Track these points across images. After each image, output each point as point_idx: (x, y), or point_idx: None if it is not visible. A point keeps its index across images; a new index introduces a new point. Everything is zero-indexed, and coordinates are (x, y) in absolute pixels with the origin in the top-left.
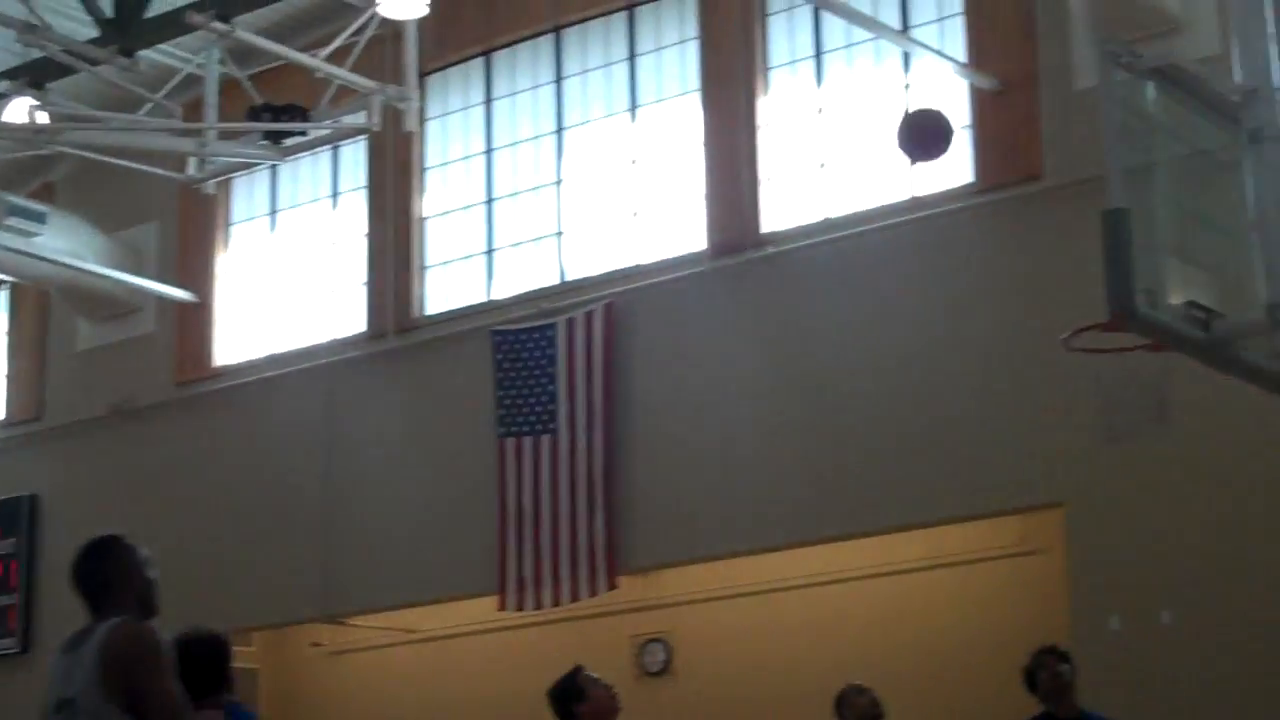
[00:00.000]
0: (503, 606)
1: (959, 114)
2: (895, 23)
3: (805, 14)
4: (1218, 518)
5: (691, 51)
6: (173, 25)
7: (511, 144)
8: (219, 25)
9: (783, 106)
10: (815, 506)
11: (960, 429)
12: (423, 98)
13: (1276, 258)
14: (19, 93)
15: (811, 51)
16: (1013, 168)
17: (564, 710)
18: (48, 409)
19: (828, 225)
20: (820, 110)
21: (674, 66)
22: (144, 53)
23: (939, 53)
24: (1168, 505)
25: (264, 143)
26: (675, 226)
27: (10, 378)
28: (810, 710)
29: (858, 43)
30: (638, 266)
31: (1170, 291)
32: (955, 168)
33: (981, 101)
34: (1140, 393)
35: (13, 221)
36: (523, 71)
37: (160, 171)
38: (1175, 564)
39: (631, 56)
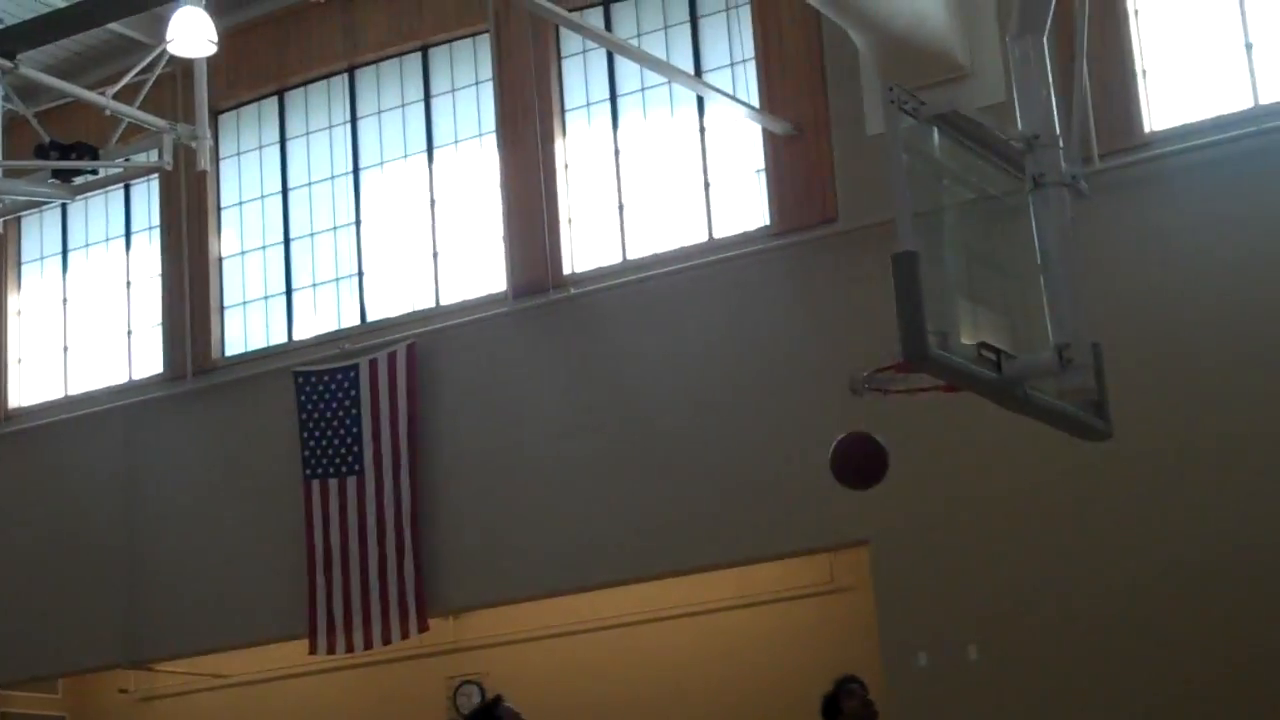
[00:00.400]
0: (313, 650)
1: (753, 158)
2: (689, 67)
3: (599, 57)
4: (1027, 552)
5: (487, 93)
6: None
7: (308, 183)
8: (2, 62)
9: (580, 149)
10: (626, 546)
11: (765, 467)
12: (215, 136)
13: (1062, 300)
14: None
15: (607, 95)
16: (807, 211)
17: None
18: None
19: (628, 267)
20: (617, 153)
21: (470, 108)
22: None
23: (733, 97)
24: (972, 542)
25: (53, 181)
26: (476, 267)
27: None
28: None
29: (652, 86)
30: (440, 307)
31: (962, 332)
32: (751, 210)
33: (775, 145)
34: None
35: None
36: (317, 110)
37: None
38: (981, 599)
39: (427, 97)
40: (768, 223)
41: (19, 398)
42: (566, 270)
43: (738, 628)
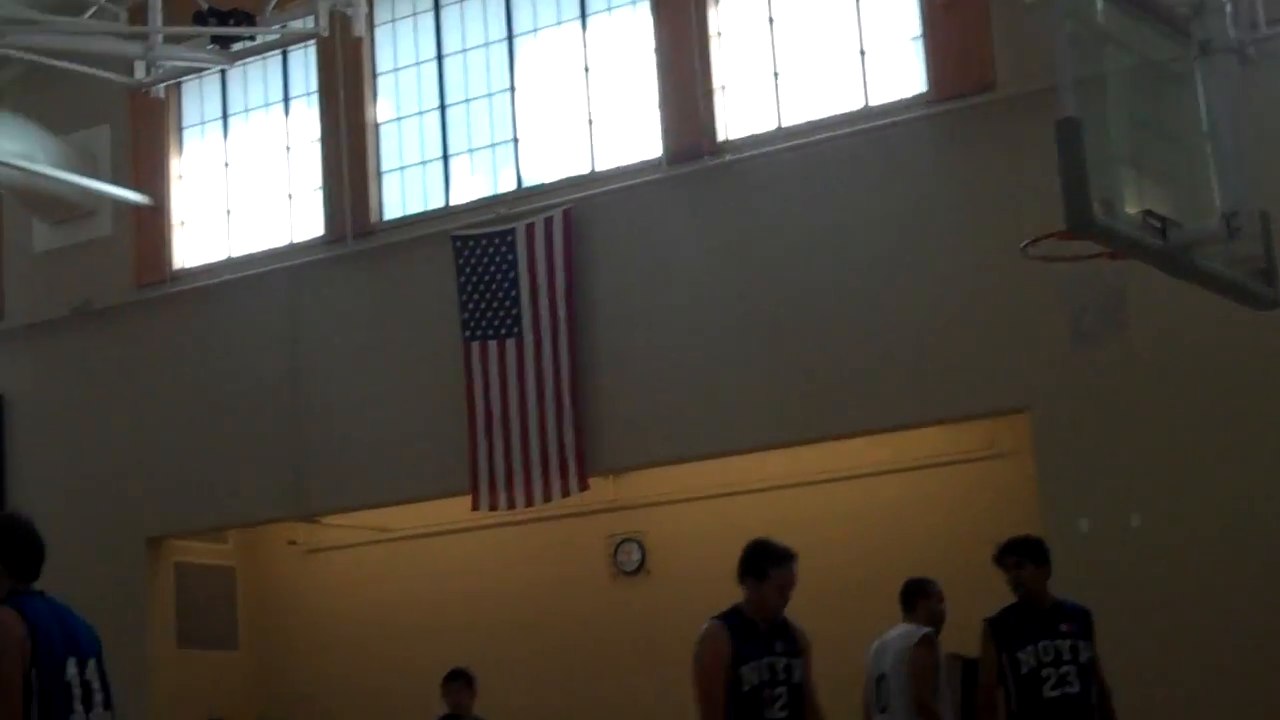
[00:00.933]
0: (476, 506)
1: (910, 25)
2: None
3: None
4: (1189, 420)
5: None
6: None
7: (462, 50)
8: None
9: (734, 16)
10: (782, 410)
11: (924, 334)
12: (370, 3)
13: (1229, 167)
14: None
15: None
16: (965, 78)
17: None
18: (8, 310)
19: (783, 134)
20: (771, 21)
21: None
22: None
23: None
24: (1132, 409)
25: (212, 47)
26: (631, 134)
27: None
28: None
29: None
30: (595, 173)
31: (1126, 200)
32: (907, 78)
33: (933, 11)
34: (1101, 299)
35: None
36: None
37: (108, 75)
38: (1142, 467)
39: None
40: (925, 89)
41: (184, 259)
42: (720, 137)
43: (896, 492)
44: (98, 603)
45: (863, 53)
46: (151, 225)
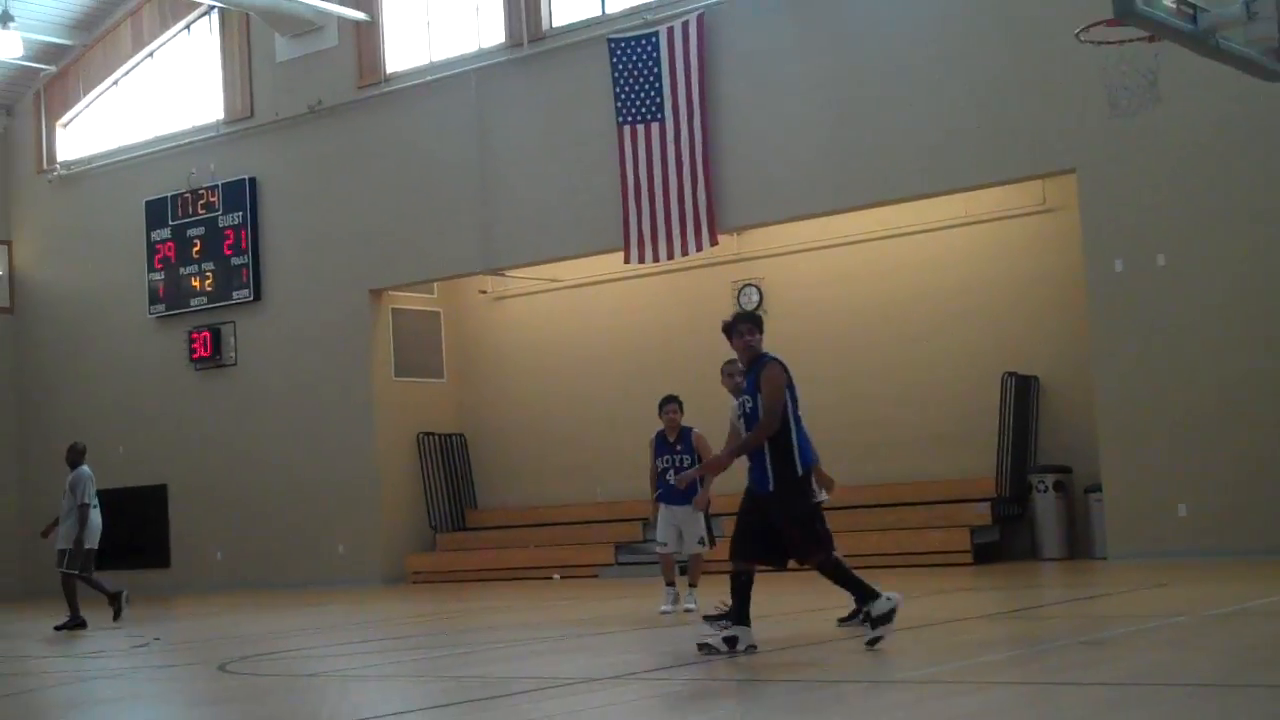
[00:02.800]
0: (628, 259)
1: None
2: None
3: None
4: (1204, 179)
5: None
6: None
7: None
8: None
9: None
10: (871, 176)
11: (988, 110)
12: None
13: None
14: None
15: None
16: None
17: None
18: (257, 109)
19: None
20: None
21: None
22: None
23: None
24: (1163, 169)
25: None
26: None
27: (226, 86)
28: (871, 333)
29: None
30: None
31: None
32: None
33: None
34: (1139, 77)
35: None
36: None
37: None
38: (1169, 217)
39: None
40: None
41: (394, 64)
42: None
43: (965, 242)
44: (333, 343)
45: None
46: (369, 37)
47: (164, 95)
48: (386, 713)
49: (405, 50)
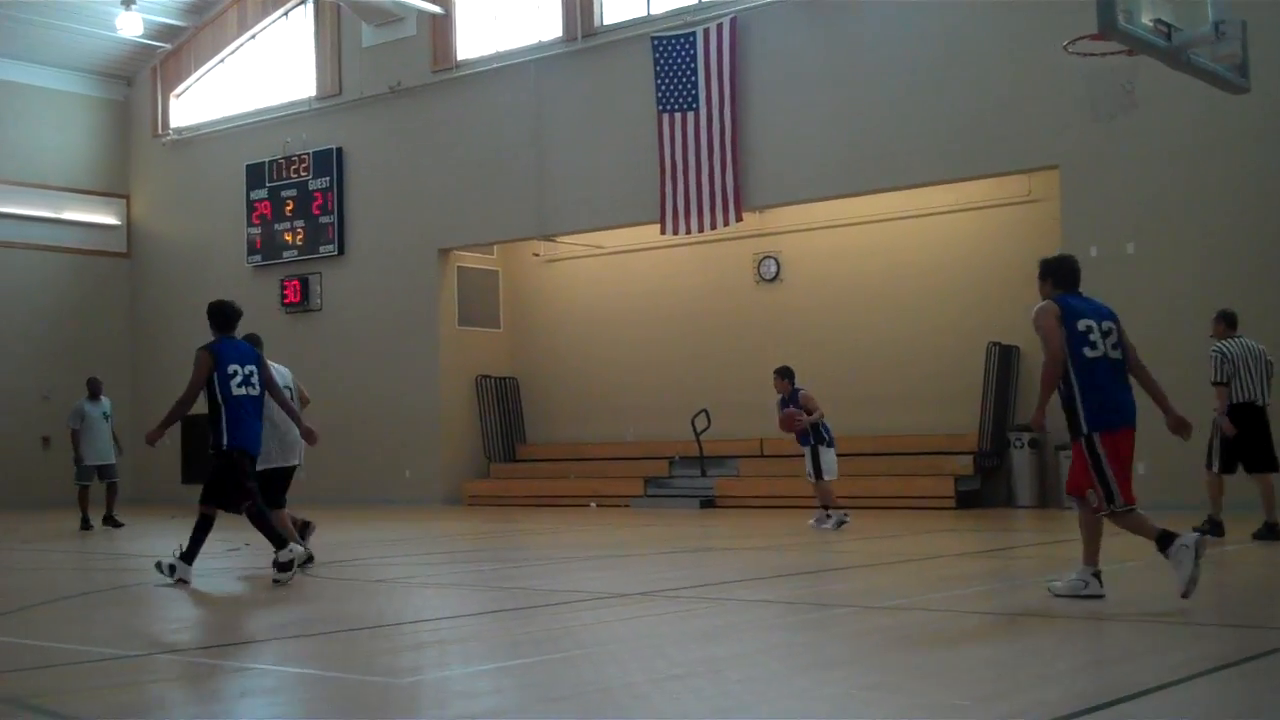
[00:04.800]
0: (664, 230)
1: None
2: None
3: None
4: (1173, 178)
5: None
6: None
7: None
8: None
9: None
10: (879, 164)
11: (982, 110)
12: None
13: None
14: None
15: None
16: None
17: None
18: (345, 87)
19: None
20: None
21: None
22: None
23: None
24: (1136, 167)
25: None
26: None
27: (318, 66)
28: (874, 302)
29: None
30: None
31: (1143, 11)
32: None
33: None
34: (1117, 86)
35: None
36: None
37: None
38: (1139, 210)
39: None
40: None
41: (464, 52)
42: None
43: (958, 226)
44: (405, 294)
45: None
46: (443, 28)
47: (264, 72)
48: (445, 615)
49: (474, 40)
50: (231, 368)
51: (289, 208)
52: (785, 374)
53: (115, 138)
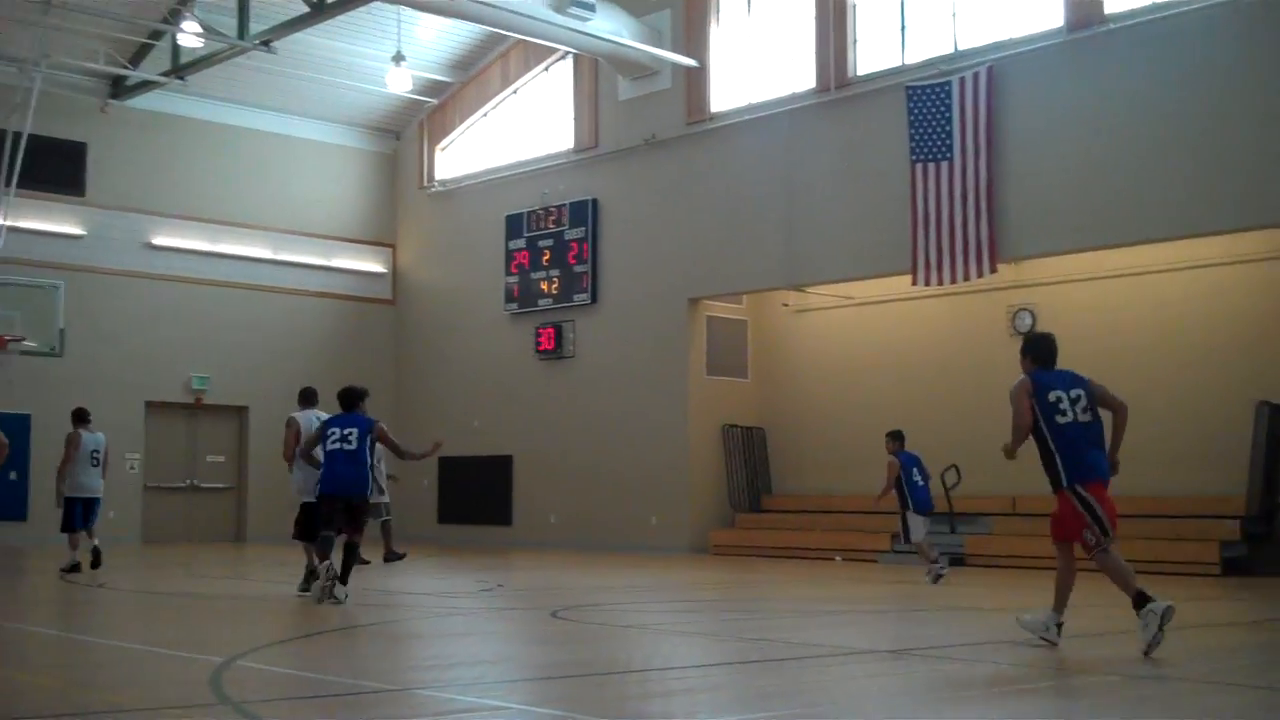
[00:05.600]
0: (915, 281)
1: None
2: None
3: None
4: None
5: None
6: None
7: None
8: None
9: None
10: (1140, 214)
11: (1255, 158)
12: None
13: None
14: None
15: None
16: None
17: None
18: (601, 140)
19: (1155, 7)
20: None
21: None
22: None
23: None
24: None
25: None
26: (1039, 7)
27: (576, 119)
28: (1136, 360)
29: None
30: (1010, 39)
31: None
32: None
33: None
34: None
35: (572, 10)
36: None
37: None
38: None
39: None
40: None
41: (718, 105)
42: (1108, 10)
43: (1224, 280)
44: (655, 342)
45: None
46: (697, 81)
47: (524, 126)
48: (692, 663)
49: (728, 93)
50: (331, 430)
51: (545, 257)
52: (895, 437)
53: (384, 189)
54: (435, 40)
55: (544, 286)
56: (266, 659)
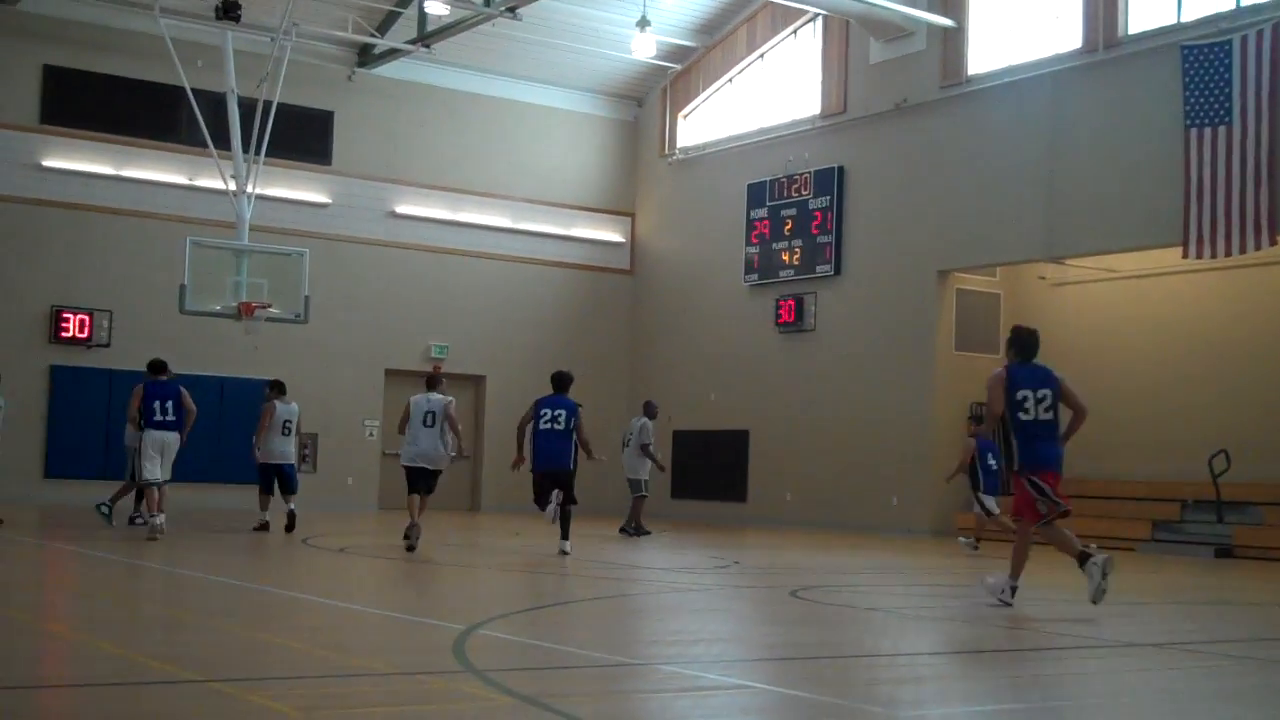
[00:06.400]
0: (1186, 254)
1: None
2: None
3: None
4: None
5: None
6: None
7: None
8: None
9: None
10: None
11: None
12: None
13: None
14: None
15: None
16: None
17: None
18: (849, 105)
19: None
20: None
21: None
22: None
23: None
24: None
25: None
26: None
27: (824, 84)
28: None
29: None
30: None
31: None
32: None
33: None
34: None
35: None
36: None
37: None
38: None
39: None
40: None
41: (975, 67)
42: None
43: None
44: (901, 316)
45: None
46: (953, 42)
47: (769, 92)
48: (940, 650)
49: (986, 54)
50: (543, 411)
51: (788, 227)
52: (977, 419)
53: (624, 157)
54: (680, 4)
55: (785, 257)
56: (508, 628)
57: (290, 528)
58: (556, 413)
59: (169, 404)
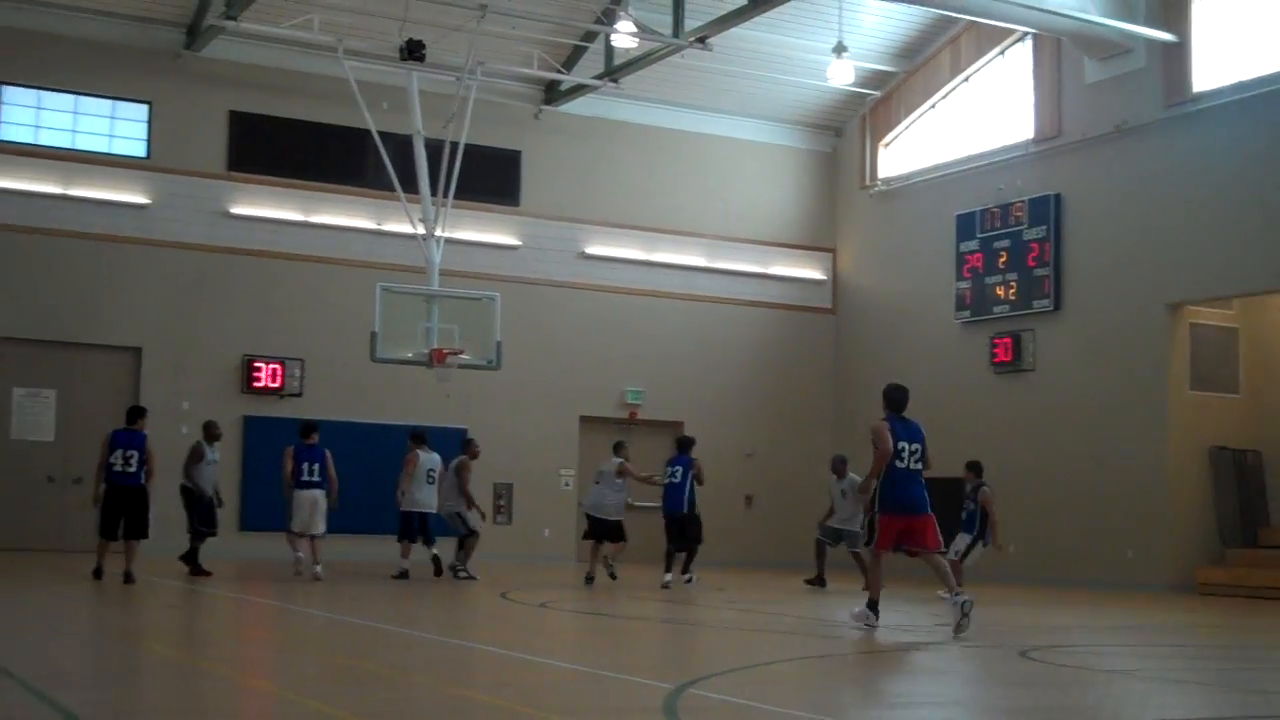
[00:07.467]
0: None
1: None
2: None
3: None
4: None
5: None
6: None
7: None
8: None
9: None
10: None
11: None
12: None
13: None
14: None
15: None
16: None
17: None
18: (1065, 128)
19: None
20: None
21: None
22: None
23: None
24: None
25: None
26: None
27: (1036, 106)
28: None
29: None
30: None
31: None
32: None
33: None
34: None
35: None
36: None
37: None
38: None
39: None
40: None
41: (1201, 83)
42: None
43: None
44: (1128, 353)
45: None
46: (1176, 58)
47: (976, 117)
48: (1186, 715)
49: (1213, 70)
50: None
51: (1002, 260)
52: (973, 468)
53: (823, 190)
54: (879, 28)
55: (1000, 292)
56: (721, 688)
57: (439, 572)
58: (674, 469)
59: (315, 466)
